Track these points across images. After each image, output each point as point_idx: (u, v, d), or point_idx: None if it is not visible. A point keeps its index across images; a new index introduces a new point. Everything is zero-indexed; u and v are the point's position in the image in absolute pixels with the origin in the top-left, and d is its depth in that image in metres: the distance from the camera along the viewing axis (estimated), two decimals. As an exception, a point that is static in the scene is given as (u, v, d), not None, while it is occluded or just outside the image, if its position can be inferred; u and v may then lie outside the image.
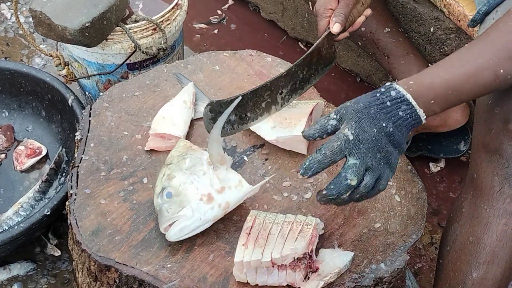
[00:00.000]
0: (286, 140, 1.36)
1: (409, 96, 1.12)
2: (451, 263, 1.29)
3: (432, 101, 1.13)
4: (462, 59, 1.15)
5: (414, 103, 1.12)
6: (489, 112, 1.22)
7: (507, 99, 1.20)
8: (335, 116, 1.12)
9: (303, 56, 1.32)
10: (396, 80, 1.28)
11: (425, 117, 1.14)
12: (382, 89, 1.14)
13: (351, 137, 1.09)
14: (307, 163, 1.08)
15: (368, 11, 1.41)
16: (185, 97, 1.45)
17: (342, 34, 1.38)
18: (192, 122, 1.45)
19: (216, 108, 1.26)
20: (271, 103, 1.31)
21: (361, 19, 1.39)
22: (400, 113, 1.12)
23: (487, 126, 1.22)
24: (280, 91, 1.31)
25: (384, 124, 1.10)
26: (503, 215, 1.21)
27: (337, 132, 1.11)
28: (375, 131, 1.10)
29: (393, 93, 1.12)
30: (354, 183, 1.07)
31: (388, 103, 1.12)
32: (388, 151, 1.11)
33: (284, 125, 1.36)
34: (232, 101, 1.24)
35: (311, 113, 1.38)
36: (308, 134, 1.13)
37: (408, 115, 1.12)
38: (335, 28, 1.33)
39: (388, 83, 1.16)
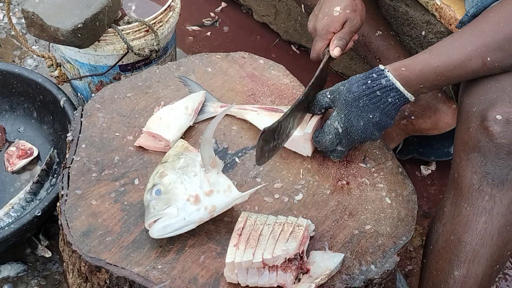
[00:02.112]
0: (291, 139, 1.34)
1: (398, 84, 1.25)
2: (434, 262, 1.30)
3: (421, 86, 1.26)
4: (453, 46, 1.24)
5: (402, 89, 1.26)
6: (468, 112, 1.23)
7: (484, 98, 1.22)
8: (329, 96, 1.31)
9: (313, 78, 1.34)
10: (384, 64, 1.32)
11: (413, 98, 1.27)
12: (374, 75, 1.27)
13: (340, 130, 1.29)
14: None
15: (356, 37, 1.45)
16: (188, 103, 1.44)
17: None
18: (196, 124, 1.45)
19: (269, 138, 1.23)
20: (293, 128, 1.32)
21: (350, 44, 1.43)
22: (389, 99, 1.26)
23: (466, 125, 1.23)
24: (298, 115, 1.33)
25: (371, 116, 1.27)
26: (482, 213, 1.21)
27: (328, 123, 1.30)
28: (362, 124, 1.27)
29: (383, 81, 1.26)
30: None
31: (378, 92, 1.26)
32: (372, 135, 1.30)
33: None
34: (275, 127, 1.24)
35: (322, 116, 1.38)
36: (311, 110, 1.35)
37: (397, 100, 1.26)
38: (336, 52, 1.38)
39: (380, 68, 1.28)
